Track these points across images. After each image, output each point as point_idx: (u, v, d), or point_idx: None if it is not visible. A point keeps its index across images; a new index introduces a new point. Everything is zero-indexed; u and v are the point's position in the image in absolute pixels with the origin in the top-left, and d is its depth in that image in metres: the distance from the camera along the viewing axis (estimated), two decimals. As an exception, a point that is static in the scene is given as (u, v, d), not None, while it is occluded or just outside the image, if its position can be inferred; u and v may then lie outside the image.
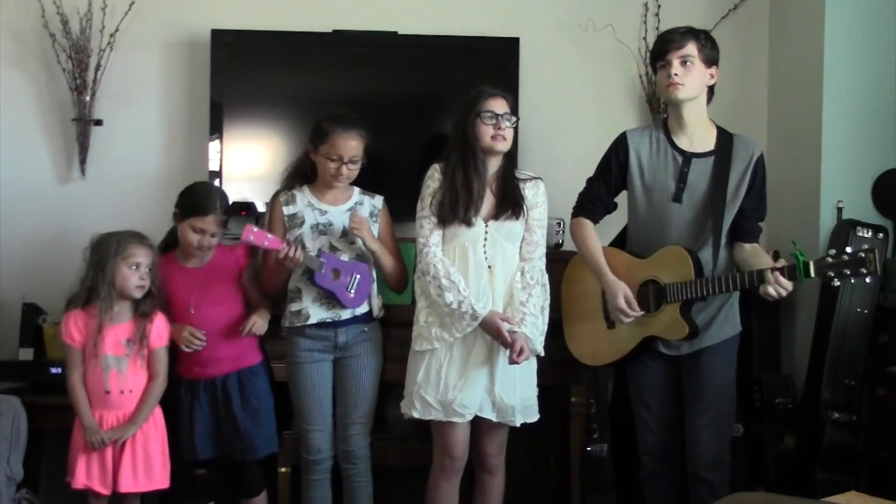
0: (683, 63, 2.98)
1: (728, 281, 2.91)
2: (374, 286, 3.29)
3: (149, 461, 3.17)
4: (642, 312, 3.04)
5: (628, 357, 3.16)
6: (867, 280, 2.79)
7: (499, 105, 3.11)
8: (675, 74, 2.97)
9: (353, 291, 3.19)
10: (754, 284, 2.86)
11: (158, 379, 3.20)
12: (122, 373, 3.14)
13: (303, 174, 3.32)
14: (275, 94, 3.89)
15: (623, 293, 3.05)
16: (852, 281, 2.78)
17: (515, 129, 3.16)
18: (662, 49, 3.01)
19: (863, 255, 2.72)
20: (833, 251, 2.79)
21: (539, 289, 3.12)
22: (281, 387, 3.40)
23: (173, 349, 3.27)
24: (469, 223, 3.08)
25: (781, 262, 2.85)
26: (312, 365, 3.22)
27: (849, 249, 2.76)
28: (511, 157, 3.18)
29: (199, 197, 3.29)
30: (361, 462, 3.25)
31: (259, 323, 3.27)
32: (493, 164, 3.14)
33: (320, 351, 3.22)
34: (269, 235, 3.13)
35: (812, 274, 2.78)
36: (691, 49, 2.98)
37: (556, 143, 4.00)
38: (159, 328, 3.22)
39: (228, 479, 3.42)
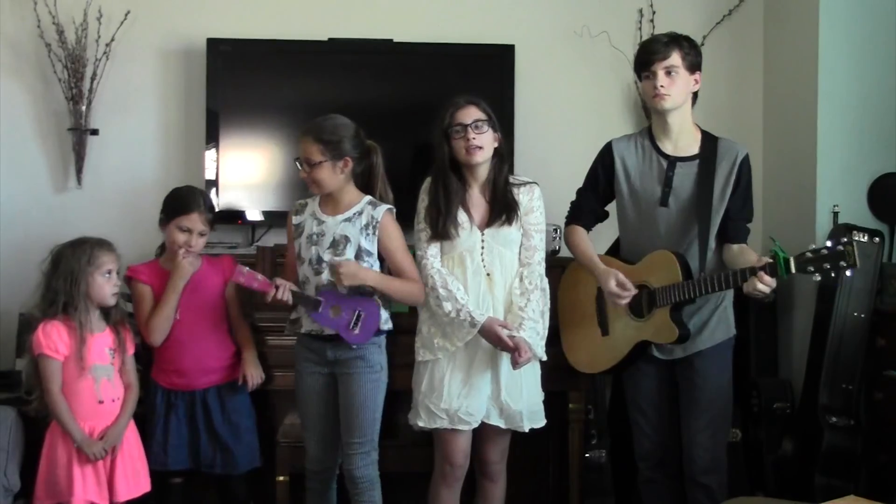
0: (668, 73, 2.99)
1: (714, 281, 2.91)
2: (383, 313, 3.14)
3: (134, 466, 3.17)
4: (636, 291, 3.04)
5: (623, 363, 3.16)
6: (847, 273, 2.76)
7: (466, 115, 3.08)
8: (661, 86, 2.99)
9: (357, 329, 3.05)
10: (738, 283, 2.87)
11: (135, 387, 3.22)
12: (111, 381, 3.13)
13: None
14: (271, 102, 3.89)
15: (614, 277, 3.05)
16: (832, 275, 2.75)
17: (511, 132, 3.14)
18: (647, 60, 3.02)
19: (841, 249, 2.70)
20: (813, 246, 2.78)
21: (538, 293, 3.11)
22: (262, 399, 3.43)
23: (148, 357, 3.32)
24: (448, 237, 3.08)
25: (764, 260, 2.84)
26: (308, 375, 3.17)
27: (828, 244, 2.74)
28: (500, 161, 3.14)
29: (182, 197, 3.33)
30: (362, 482, 3.10)
31: (254, 374, 3.31)
32: (482, 172, 3.14)
33: (315, 363, 3.16)
34: (260, 277, 3.06)
35: (793, 270, 2.77)
36: (675, 59, 2.99)
37: (551, 149, 4.01)
38: (130, 336, 3.25)
39: (215, 491, 3.43)
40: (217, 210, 3.63)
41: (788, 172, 3.91)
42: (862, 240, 3.50)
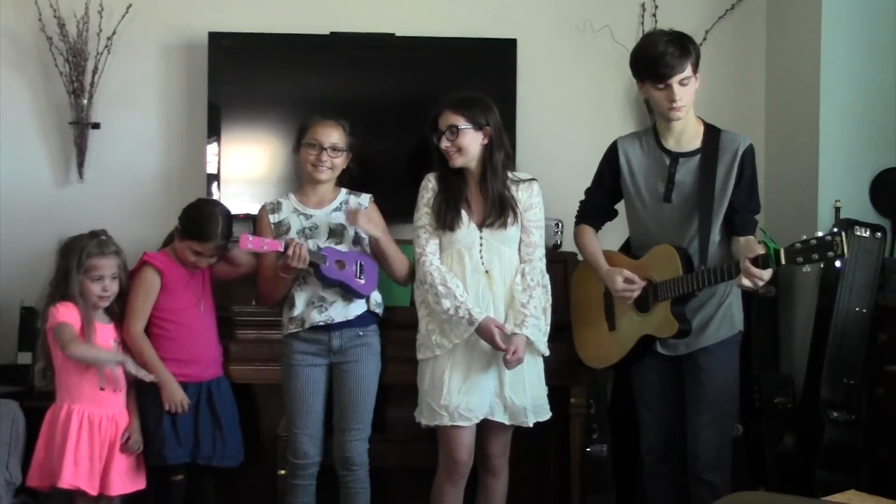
0: (682, 84, 2.95)
1: (711, 274, 2.90)
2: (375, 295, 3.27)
3: (130, 461, 3.18)
4: (644, 282, 3.04)
5: (629, 358, 3.16)
6: (836, 264, 2.73)
7: (443, 121, 3.11)
8: (680, 99, 2.95)
9: (363, 278, 3.17)
10: (733, 276, 2.86)
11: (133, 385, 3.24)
12: (113, 371, 3.15)
13: None
14: (272, 96, 3.89)
15: (620, 275, 3.06)
16: (821, 266, 2.73)
17: (513, 127, 3.15)
18: (662, 73, 2.93)
19: (829, 239, 2.67)
20: (803, 237, 2.76)
21: (540, 290, 3.12)
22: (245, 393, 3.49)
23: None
24: (452, 227, 3.10)
25: (756, 252, 2.82)
26: (306, 369, 3.21)
27: (818, 234, 2.72)
28: (491, 157, 3.12)
29: (202, 221, 3.25)
30: (359, 468, 3.22)
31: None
32: (473, 170, 3.15)
33: (314, 355, 3.20)
34: (267, 240, 3.12)
35: (783, 261, 2.75)
36: (688, 70, 2.95)
37: (553, 144, 4.00)
38: None
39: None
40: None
41: (790, 167, 3.91)
42: (864, 235, 3.51)
